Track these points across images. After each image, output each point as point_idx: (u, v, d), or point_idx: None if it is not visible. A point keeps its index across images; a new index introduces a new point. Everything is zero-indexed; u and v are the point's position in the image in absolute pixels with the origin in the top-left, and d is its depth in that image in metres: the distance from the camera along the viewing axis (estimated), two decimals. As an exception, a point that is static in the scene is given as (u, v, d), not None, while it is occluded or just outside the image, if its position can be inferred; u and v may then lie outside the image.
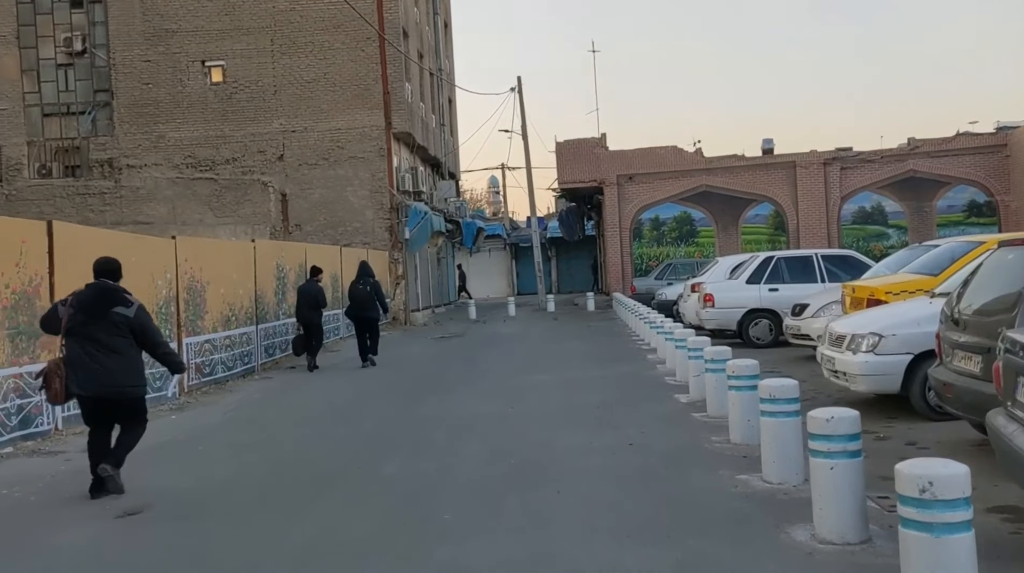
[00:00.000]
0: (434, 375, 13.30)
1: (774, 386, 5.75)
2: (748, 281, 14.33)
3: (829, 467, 4.52)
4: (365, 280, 14.72)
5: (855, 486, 4.52)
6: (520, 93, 30.81)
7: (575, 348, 16.24)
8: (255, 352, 14.66)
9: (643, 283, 24.85)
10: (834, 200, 29.41)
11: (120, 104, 26.67)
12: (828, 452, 4.53)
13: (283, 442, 8.47)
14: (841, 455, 4.51)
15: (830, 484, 4.51)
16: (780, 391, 5.72)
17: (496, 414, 9.23)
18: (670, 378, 11.07)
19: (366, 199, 26.58)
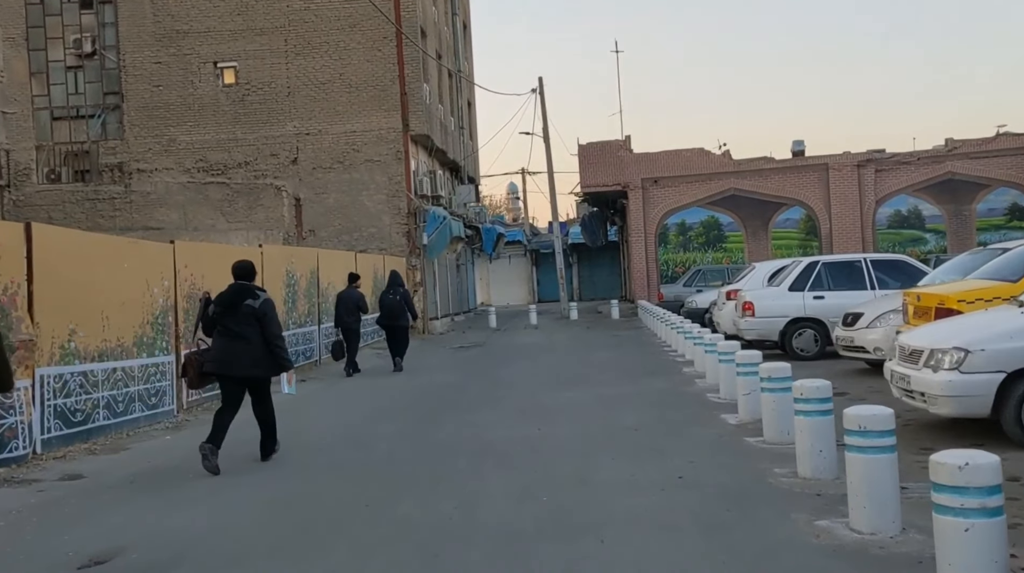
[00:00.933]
0: (454, 390, 12.34)
1: (864, 415, 4.74)
2: (791, 288, 13.28)
3: (963, 528, 3.52)
4: (395, 289, 15.06)
5: (997, 552, 3.51)
6: (541, 94, 29.88)
7: (603, 360, 15.23)
8: (262, 364, 13.73)
9: (671, 290, 23.81)
10: (869, 203, 28.24)
11: (130, 107, 25.98)
12: (962, 508, 3.53)
13: (282, 470, 7.53)
14: (978, 513, 3.51)
15: (966, 549, 3.51)
16: (873, 421, 4.70)
17: (523, 438, 8.24)
18: (713, 395, 10.05)
19: (383, 204, 25.72)
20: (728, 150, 29.39)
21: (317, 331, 16.73)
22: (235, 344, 7.55)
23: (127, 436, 9.63)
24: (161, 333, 10.63)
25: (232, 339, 7.57)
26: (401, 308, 14.77)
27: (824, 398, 5.97)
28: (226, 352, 7.59)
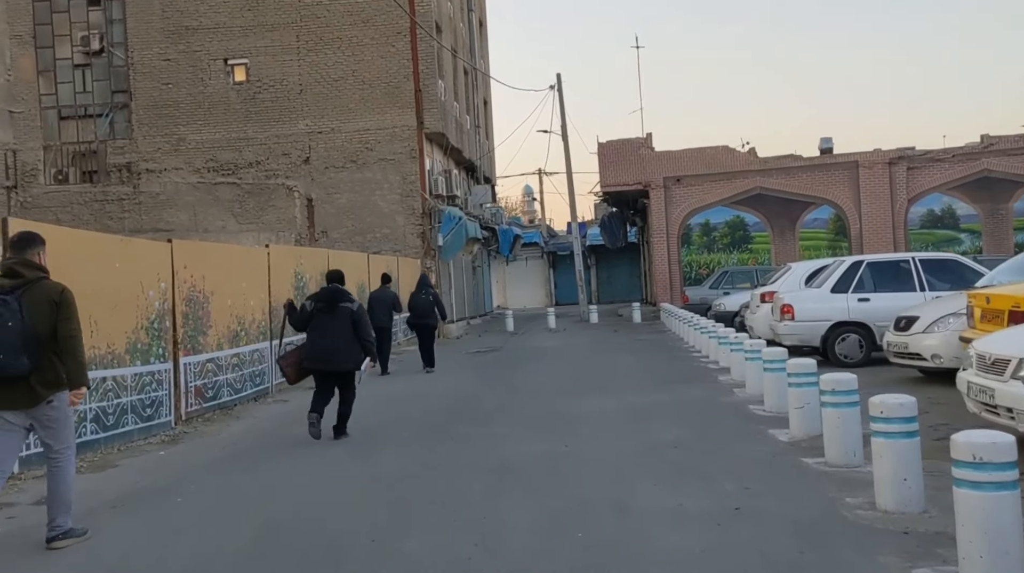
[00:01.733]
0: (470, 398, 11.50)
1: (980, 443, 3.85)
2: (833, 290, 12.35)
3: None
4: (426, 290, 15.45)
5: None
6: (560, 91, 29.05)
7: (629, 365, 14.35)
8: (269, 371, 12.98)
9: (696, 292, 22.88)
10: (900, 202, 27.19)
11: (139, 105, 25.34)
12: None
13: (282, 492, 6.71)
14: None
15: None
16: (991, 452, 3.82)
17: (548, 455, 7.39)
18: (756, 407, 9.15)
19: (396, 204, 24.95)
20: (753, 148, 28.43)
21: (327, 335, 15.92)
22: (330, 342, 8.71)
23: (118, 451, 8.85)
24: (157, 339, 9.85)
25: (327, 338, 8.74)
26: (431, 307, 15.13)
27: (909, 417, 5.08)
28: (323, 350, 8.75)
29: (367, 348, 8.88)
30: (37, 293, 5.21)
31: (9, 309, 5.04)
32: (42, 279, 5.32)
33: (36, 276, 5.29)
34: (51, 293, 5.26)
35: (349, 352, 8.75)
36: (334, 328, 8.70)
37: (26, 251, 5.36)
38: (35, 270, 5.32)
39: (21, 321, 5.05)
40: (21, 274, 5.25)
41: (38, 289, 5.24)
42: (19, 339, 5.03)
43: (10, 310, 5.05)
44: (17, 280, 5.22)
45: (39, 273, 5.33)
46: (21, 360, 5.04)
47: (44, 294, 5.23)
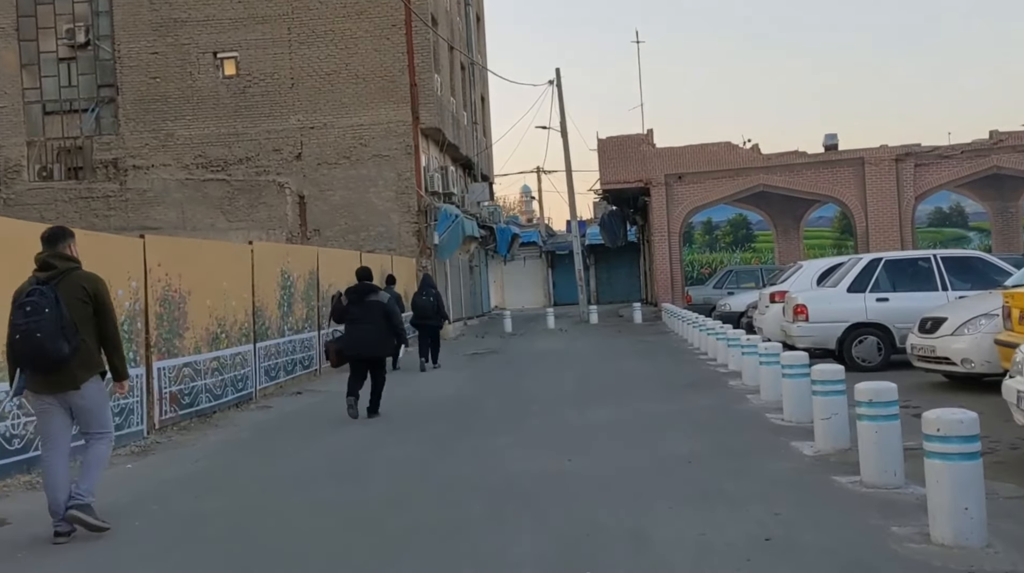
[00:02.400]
0: (468, 405, 10.81)
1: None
2: (850, 289, 11.66)
3: None
4: (428, 291, 15.55)
5: None
6: (559, 86, 28.36)
7: (634, 369, 13.67)
8: (252, 376, 12.27)
9: (700, 292, 22.20)
10: (907, 200, 26.55)
11: (126, 100, 24.62)
12: None
13: (255, 516, 6.02)
14: None
15: None
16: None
17: (552, 472, 6.69)
18: (774, 416, 8.46)
19: (391, 201, 24.25)
20: (757, 144, 27.77)
21: (317, 338, 15.24)
22: (364, 332, 9.66)
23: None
24: (127, 342, 9.11)
25: (361, 328, 9.70)
26: (434, 309, 15.22)
27: (970, 436, 4.40)
28: (358, 339, 9.74)
29: (399, 336, 10.08)
30: (71, 282, 5.48)
31: (46, 298, 5.30)
32: (75, 269, 5.59)
33: (68, 266, 5.56)
34: (84, 282, 5.55)
35: (379, 341, 9.75)
36: (365, 320, 9.72)
37: (58, 245, 5.61)
38: (67, 261, 5.59)
39: (58, 309, 5.29)
40: (54, 266, 5.51)
41: (72, 278, 5.50)
42: (58, 326, 5.26)
43: (47, 299, 5.30)
44: (51, 271, 5.48)
45: (71, 263, 5.60)
46: (61, 346, 5.26)
47: (78, 283, 5.50)
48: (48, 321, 5.23)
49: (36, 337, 5.21)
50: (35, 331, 5.22)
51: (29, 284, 5.47)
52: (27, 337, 5.26)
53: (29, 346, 5.26)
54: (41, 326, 5.21)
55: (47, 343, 5.21)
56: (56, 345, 5.23)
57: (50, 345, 5.22)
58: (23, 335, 5.27)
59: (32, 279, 5.49)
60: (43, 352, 5.23)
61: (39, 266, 5.53)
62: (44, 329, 5.21)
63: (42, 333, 5.21)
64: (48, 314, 5.24)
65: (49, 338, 5.21)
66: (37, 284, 5.40)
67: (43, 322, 5.22)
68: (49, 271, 5.48)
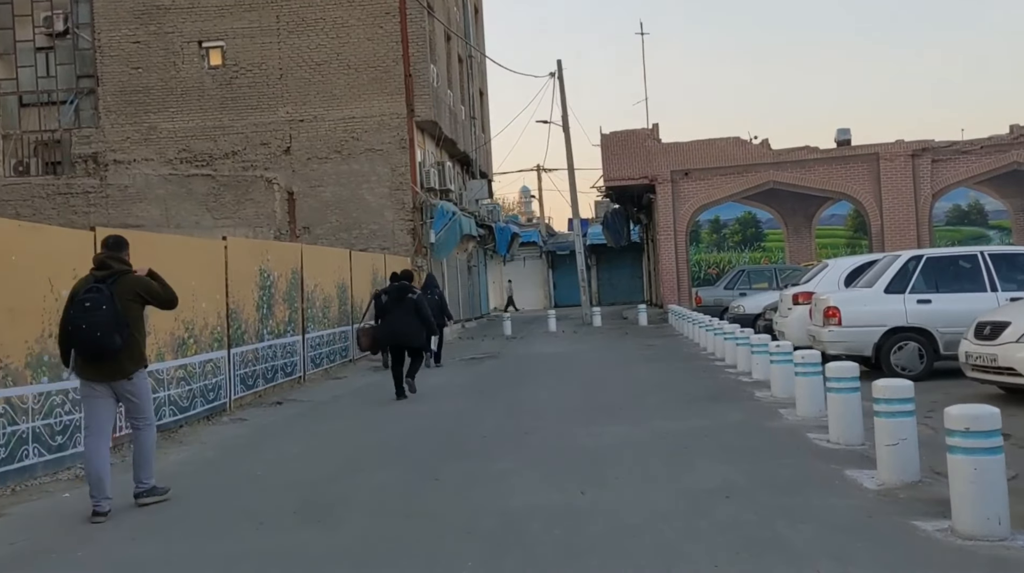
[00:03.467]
0: (463, 420, 9.65)
1: None
2: (887, 290, 10.50)
3: None
4: (432, 291, 15.57)
5: None
6: (560, 78, 27.22)
7: (646, 378, 12.50)
8: (226, 385, 11.12)
9: (710, 293, 21.03)
10: (924, 197, 25.43)
11: (106, 91, 23.47)
12: None
13: (201, 566, 4.86)
14: None
15: None
16: None
17: (562, 511, 5.54)
18: (817, 436, 7.30)
19: (385, 198, 23.11)
20: (766, 139, 26.62)
21: (301, 342, 14.08)
22: (400, 324, 11.24)
23: (12, 492, 7.00)
24: (73, 349, 7.96)
25: (398, 321, 11.24)
26: (437, 308, 15.17)
27: None
28: (392, 331, 11.34)
29: (429, 327, 11.71)
30: (124, 283, 6.07)
31: (102, 295, 5.84)
32: (128, 272, 6.19)
33: (122, 269, 6.16)
34: (135, 285, 6.15)
35: (412, 332, 11.31)
36: (400, 314, 11.30)
37: (118, 251, 6.26)
38: (122, 264, 6.20)
39: (112, 305, 5.83)
40: (111, 266, 6.11)
41: (125, 280, 6.10)
42: (112, 321, 5.81)
43: (103, 296, 5.84)
44: (107, 271, 6.07)
45: (125, 267, 6.21)
46: (115, 339, 5.82)
47: (130, 285, 6.10)
48: (104, 316, 5.76)
49: (93, 331, 5.74)
50: (92, 325, 5.75)
51: (86, 282, 6.01)
52: (84, 330, 5.78)
53: (86, 338, 5.79)
54: (97, 320, 5.74)
55: (103, 336, 5.76)
56: (111, 338, 5.79)
57: (105, 338, 5.77)
58: (81, 328, 5.79)
59: (90, 277, 6.05)
60: (99, 343, 5.77)
61: (97, 265, 6.13)
62: (100, 323, 5.75)
63: (98, 327, 5.74)
64: (104, 310, 5.77)
65: (104, 331, 5.75)
66: (95, 282, 5.95)
67: (99, 317, 5.75)
68: (106, 270, 6.06)
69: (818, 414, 8.01)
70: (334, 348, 15.84)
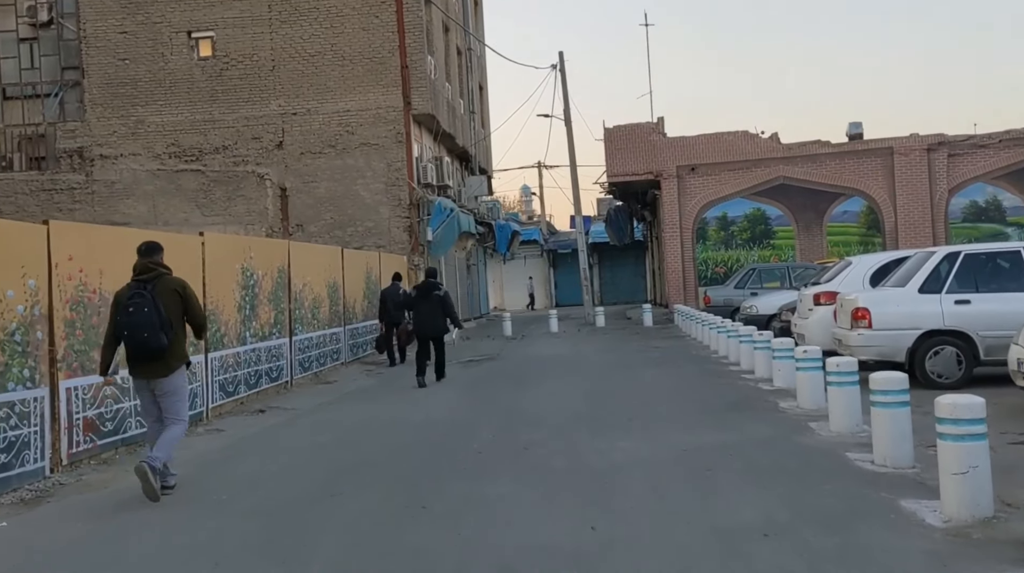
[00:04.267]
0: (456, 432, 8.79)
1: None
2: (922, 289, 9.63)
3: None
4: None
5: None
6: (562, 71, 26.34)
7: (656, 383, 11.63)
8: (202, 392, 10.27)
9: (720, 293, 20.14)
10: (940, 193, 24.53)
11: (92, 84, 22.64)
12: None
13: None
14: None
15: None
16: None
17: (569, 553, 4.68)
18: (859, 457, 6.43)
19: (381, 194, 22.26)
20: (776, 133, 25.74)
21: (288, 345, 13.22)
22: (425, 318, 12.57)
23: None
24: (20, 356, 7.13)
25: (423, 315, 12.61)
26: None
27: None
28: (421, 323, 12.68)
29: (454, 320, 12.86)
30: (164, 284, 6.44)
31: (145, 299, 6.23)
32: (165, 274, 6.53)
33: (161, 272, 6.50)
34: (175, 285, 6.54)
35: (438, 324, 12.57)
36: (427, 308, 12.54)
37: (153, 255, 6.53)
38: (160, 267, 6.54)
39: (155, 306, 6.21)
40: (151, 270, 6.46)
41: (164, 281, 6.46)
42: (157, 321, 6.18)
43: (146, 299, 6.22)
44: (148, 275, 6.41)
45: (162, 269, 6.54)
46: (161, 338, 6.19)
47: (170, 286, 6.47)
48: (148, 318, 6.13)
49: (141, 333, 6.13)
50: (139, 327, 6.13)
51: (129, 289, 6.38)
52: (133, 333, 6.18)
53: (135, 340, 6.19)
54: (143, 323, 6.12)
55: (150, 337, 6.14)
56: (157, 338, 6.17)
57: (152, 339, 6.15)
58: (129, 331, 6.19)
59: (132, 284, 6.40)
60: (146, 344, 6.16)
61: (138, 271, 6.44)
62: (146, 325, 6.13)
63: (145, 329, 6.12)
64: (148, 312, 6.14)
65: (151, 332, 6.13)
66: (137, 287, 6.32)
67: (144, 319, 6.13)
68: (146, 275, 6.39)
69: (855, 430, 7.16)
70: (324, 351, 14.98)
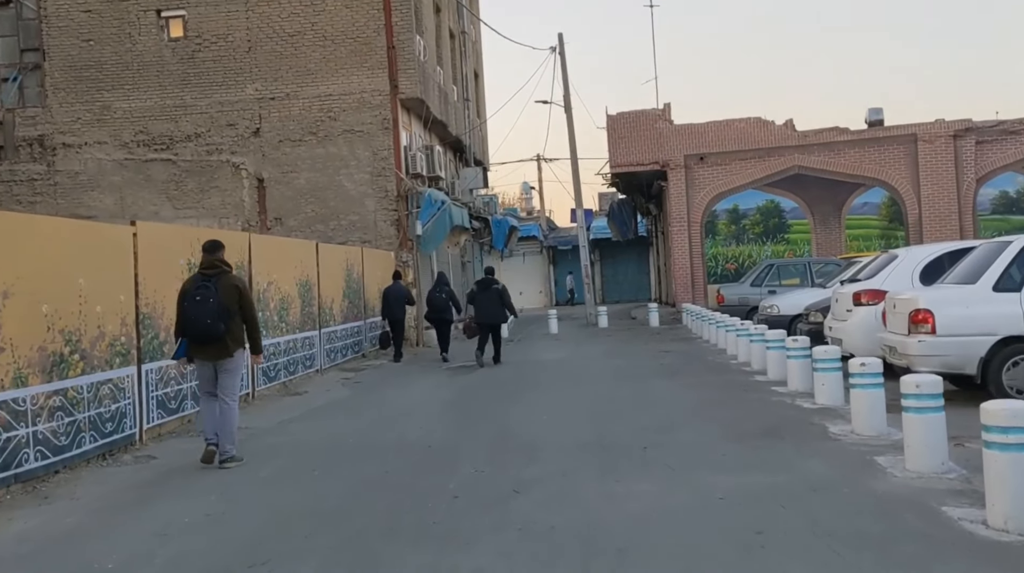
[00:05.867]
0: (430, 466, 7.13)
1: None
2: (996, 287, 7.98)
3: None
4: (442, 288, 16.65)
5: None
6: (562, 53, 24.66)
7: (672, 398, 9.95)
8: (133, 411, 8.60)
9: (734, 291, 18.47)
10: (968, 183, 22.87)
11: (54, 67, 20.96)
12: None
13: None
14: None
15: None
16: None
17: None
18: (960, 513, 4.77)
19: (366, 185, 20.59)
20: (791, 120, 24.04)
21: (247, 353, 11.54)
22: (487, 308, 14.54)
23: None
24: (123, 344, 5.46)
25: (483, 307, 14.56)
26: (446, 304, 16.43)
27: None
28: (484, 312, 14.58)
29: (510, 309, 14.71)
30: (226, 280, 7.53)
31: (209, 291, 7.36)
32: (227, 272, 7.66)
33: (223, 270, 7.61)
34: (235, 281, 7.67)
35: (496, 313, 14.43)
36: (486, 301, 14.45)
37: (216, 253, 7.64)
38: (223, 264, 7.66)
39: (217, 298, 7.34)
40: (216, 266, 7.58)
41: (226, 278, 7.57)
42: (218, 311, 7.32)
43: (210, 292, 7.36)
44: (212, 271, 7.54)
45: (224, 267, 7.66)
46: (220, 326, 7.33)
47: (230, 282, 7.57)
48: (211, 308, 7.26)
49: (204, 320, 7.26)
50: (203, 316, 7.27)
51: (195, 281, 7.52)
52: (197, 320, 7.29)
53: (198, 326, 7.30)
54: (207, 312, 7.25)
55: (212, 324, 7.25)
56: (216, 325, 7.27)
57: (212, 326, 7.25)
58: (194, 318, 7.30)
59: (197, 277, 7.58)
60: (208, 330, 7.27)
61: (204, 267, 7.55)
62: (209, 314, 7.25)
63: (208, 317, 7.24)
64: (211, 303, 7.27)
65: (212, 320, 7.24)
66: (202, 281, 7.44)
67: (208, 309, 7.25)
68: (211, 271, 7.48)
69: (940, 470, 5.52)
70: (294, 358, 13.32)
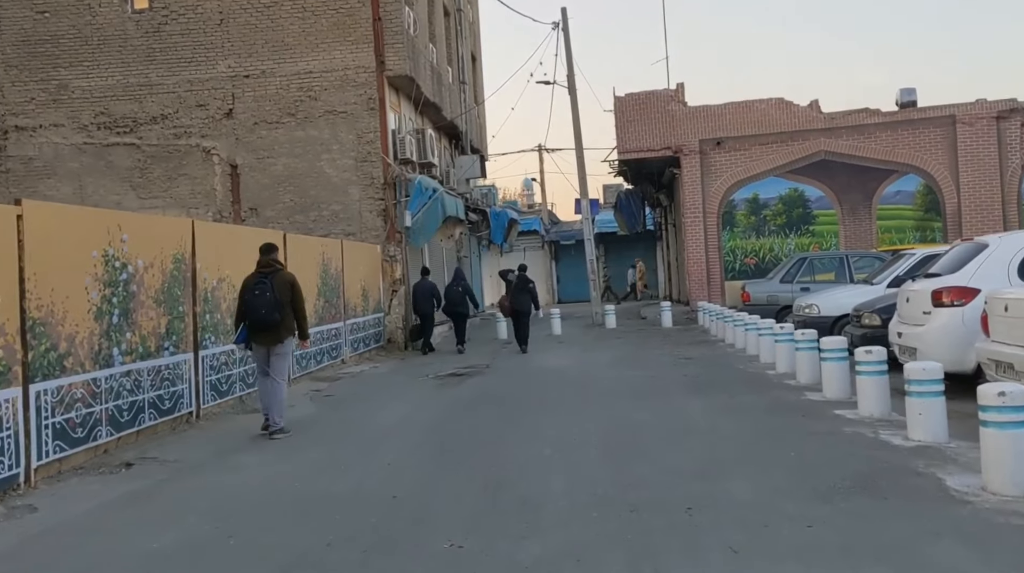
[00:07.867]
0: (388, 542, 5.16)
1: None
2: None
3: None
4: (459, 282, 17.47)
5: None
6: (565, 30, 22.63)
7: (713, 428, 7.90)
8: (17, 446, 6.61)
9: (761, 288, 16.43)
10: (1012, 169, 20.86)
11: (5, 42, 19.04)
12: None
13: None
14: None
15: None
16: None
17: None
18: None
19: (350, 171, 18.63)
20: (816, 101, 22.02)
21: (192, 363, 9.58)
22: (516, 299, 16.51)
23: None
24: None
25: (520, 296, 16.47)
26: (462, 298, 17.32)
27: None
28: (516, 301, 16.48)
29: (536, 303, 16.70)
30: (280, 277, 8.70)
31: (266, 286, 8.54)
32: (281, 270, 8.85)
33: (278, 268, 8.81)
34: (288, 278, 8.79)
35: (526, 302, 16.50)
36: (521, 292, 16.52)
37: (272, 253, 8.88)
38: (278, 264, 8.88)
39: (272, 293, 8.52)
40: (272, 265, 8.77)
41: (281, 275, 8.74)
42: (273, 303, 8.51)
43: (267, 287, 8.54)
44: (269, 269, 8.73)
45: (279, 266, 8.87)
46: (275, 315, 8.51)
47: (284, 279, 8.73)
48: (268, 300, 8.45)
49: (261, 310, 8.45)
50: (260, 306, 8.46)
51: (255, 277, 8.70)
52: (255, 310, 8.48)
53: (256, 316, 8.48)
54: (263, 303, 8.44)
55: (267, 314, 8.44)
56: (272, 315, 8.46)
57: (268, 315, 8.45)
58: (253, 308, 8.50)
59: (256, 274, 8.70)
60: (264, 319, 8.45)
61: (261, 265, 8.74)
62: (265, 305, 8.44)
63: (264, 308, 8.43)
64: (268, 296, 8.46)
65: (268, 311, 8.44)
66: (260, 277, 8.61)
67: (264, 301, 8.44)
68: (268, 269, 8.67)
69: None
70: (250, 367, 11.31)
